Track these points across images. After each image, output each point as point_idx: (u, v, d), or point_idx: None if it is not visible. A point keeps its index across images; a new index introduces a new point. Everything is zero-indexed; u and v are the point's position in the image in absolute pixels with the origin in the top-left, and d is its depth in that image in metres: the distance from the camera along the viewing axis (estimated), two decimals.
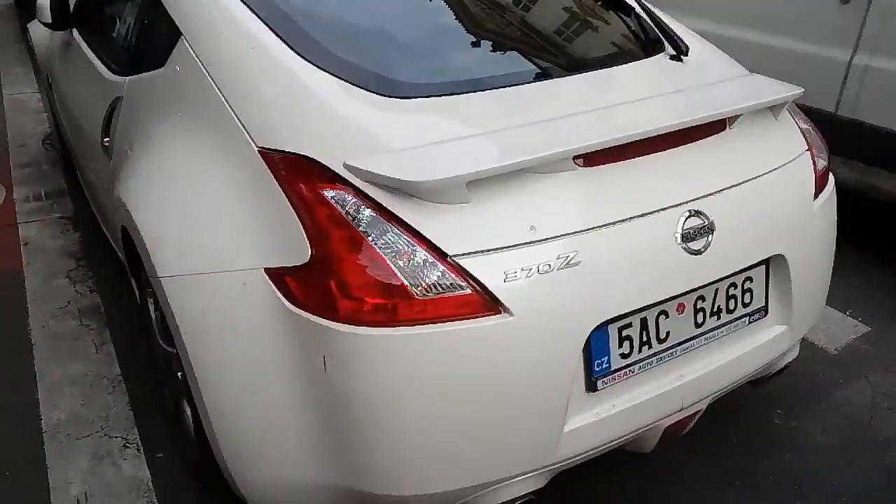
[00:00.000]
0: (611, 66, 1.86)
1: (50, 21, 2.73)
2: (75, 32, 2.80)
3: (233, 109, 1.61)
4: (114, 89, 2.20)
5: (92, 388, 2.41)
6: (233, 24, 1.76)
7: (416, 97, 1.63)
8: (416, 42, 1.88)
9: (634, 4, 2.19)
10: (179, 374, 1.82)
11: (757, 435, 2.23)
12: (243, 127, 1.58)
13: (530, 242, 1.40)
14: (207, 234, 1.55)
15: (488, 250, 1.38)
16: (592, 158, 1.47)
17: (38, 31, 3.55)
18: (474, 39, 1.95)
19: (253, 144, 1.54)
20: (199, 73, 1.73)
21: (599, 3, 2.25)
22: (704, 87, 1.81)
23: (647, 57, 1.94)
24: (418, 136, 1.51)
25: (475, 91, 1.67)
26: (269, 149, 1.51)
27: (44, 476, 2.07)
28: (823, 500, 2.00)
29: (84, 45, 2.63)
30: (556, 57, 1.99)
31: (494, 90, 1.68)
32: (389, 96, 1.61)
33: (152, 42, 2.07)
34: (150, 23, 2.11)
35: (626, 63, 1.90)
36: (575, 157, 1.46)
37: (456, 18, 2.01)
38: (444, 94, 1.65)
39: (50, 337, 2.67)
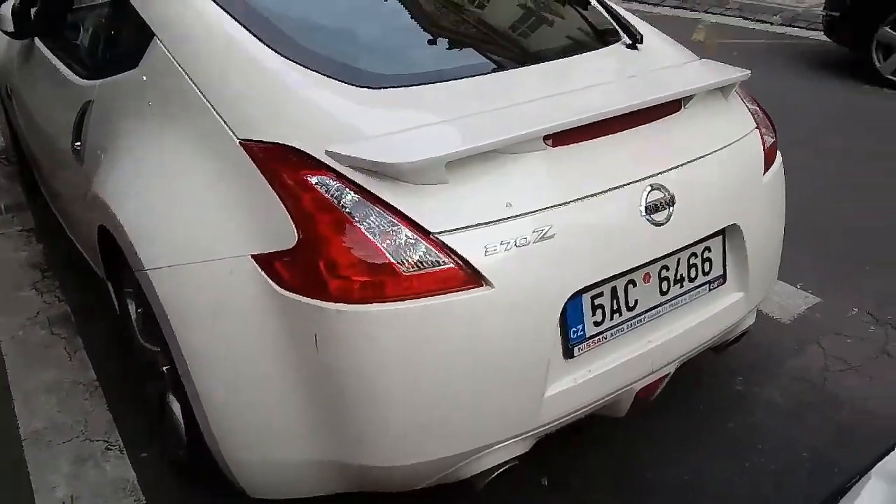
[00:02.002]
0: (572, 56, 1.97)
1: (12, 30, 2.71)
2: (37, 41, 2.79)
3: (211, 105, 1.66)
4: (83, 93, 2.21)
5: (68, 394, 2.41)
6: (206, 23, 1.81)
7: (387, 87, 1.70)
8: (384, 36, 1.96)
9: None
10: (165, 368, 1.85)
11: (720, 400, 2.36)
12: (223, 121, 1.62)
13: (507, 218, 1.48)
14: (192, 225, 1.59)
15: (468, 227, 1.46)
16: (560, 139, 1.57)
17: None
18: (440, 32, 2.03)
19: (233, 137, 1.59)
20: (174, 72, 1.77)
21: None
22: (659, 72, 1.93)
23: (604, 46, 2.05)
24: (393, 123, 1.58)
25: (443, 81, 1.75)
26: (249, 140, 1.56)
27: (27, 482, 2.07)
28: (785, 456, 2.12)
29: (48, 53, 2.63)
30: (518, 48, 2.09)
31: (461, 80, 1.76)
32: (361, 87, 1.67)
33: (123, 45, 2.10)
34: (120, 26, 2.14)
35: (586, 52, 2.01)
36: (544, 138, 1.55)
37: (421, 13, 2.09)
38: (414, 84, 1.73)
39: (21, 348, 2.65)
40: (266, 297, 1.48)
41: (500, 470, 1.64)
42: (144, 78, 1.91)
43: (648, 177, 1.65)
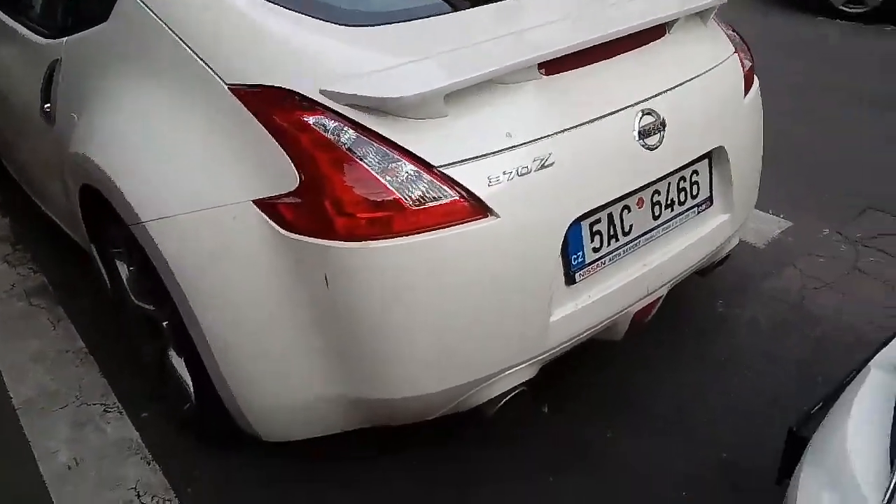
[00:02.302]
0: None
1: None
2: None
3: (193, 51, 1.61)
4: (49, 53, 2.13)
5: (56, 363, 2.37)
6: None
7: (373, 25, 1.67)
8: None
9: None
10: (165, 323, 1.84)
11: (704, 323, 2.45)
12: (208, 67, 1.58)
13: (508, 148, 1.49)
14: (188, 174, 1.57)
15: (470, 158, 1.47)
16: (553, 67, 1.57)
17: None
18: None
19: (221, 83, 1.55)
20: (150, 21, 1.71)
21: None
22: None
23: None
24: (384, 60, 1.56)
25: (427, 17, 1.73)
26: (239, 84, 1.53)
27: (27, 449, 2.05)
28: (769, 370, 2.22)
29: (5, 17, 2.51)
30: None
31: (448, 14, 1.75)
32: (348, 25, 1.65)
33: None
34: None
35: None
36: (538, 67, 1.55)
37: None
38: (399, 21, 1.70)
39: (1, 320, 2.59)
40: (271, 241, 1.48)
41: (510, 396, 1.68)
42: (116, 30, 1.85)
43: (640, 102, 1.68)
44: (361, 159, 1.43)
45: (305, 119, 1.46)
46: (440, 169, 1.45)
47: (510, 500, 1.85)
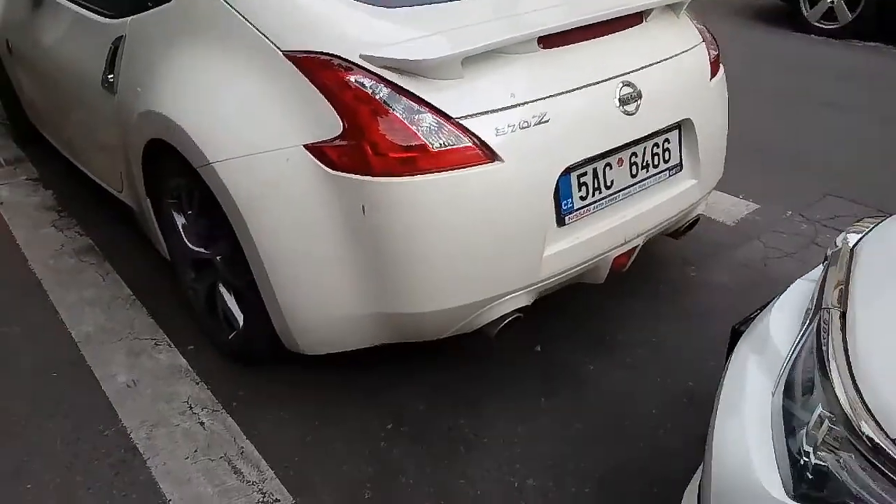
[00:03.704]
0: None
1: None
2: None
3: (254, 26, 1.96)
4: (113, 31, 2.47)
5: (109, 307, 2.69)
6: None
7: (399, 6, 2.03)
8: None
9: None
10: (219, 257, 2.17)
11: (678, 284, 2.79)
12: (265, 37, 1.93)
13: (512, 106, 1.84)
14: (249, 124, 1.91)
15: (481, 112, 1.81)
16: (550, 42, 1.93)
17: None
18: None
19: (277, 50, 1.90)
20: (214, 2, 2.06)
21: None
22: None
23: None
24: (409, 33, 1.91)
25: (444, 1, 2.09)
26: (293, 51, 1.88)
27: (89, 373, 2.36)
28: (730, 323, 2.54)
29: (64, 2, 2.86)
30: None
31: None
32: (381, 6, 2.00)
33: None
34: None
35: None
36: (538, 41, 1.91)
37: None
38: (424, 4, 2.06)
39: (54, 272, 2.91)
40: (318, 178, 1.81)
41: (509, 319, 2.02)
42: (182, 9, 2.19)
43: (620, 75, 2.03)
44: (394, 110, 1.77)
45: (348, 78, 1.81)
46: (457, 119, 1.79)
47: (509, 414, 2.17)
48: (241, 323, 2.21)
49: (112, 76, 2.46)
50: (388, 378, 2.30)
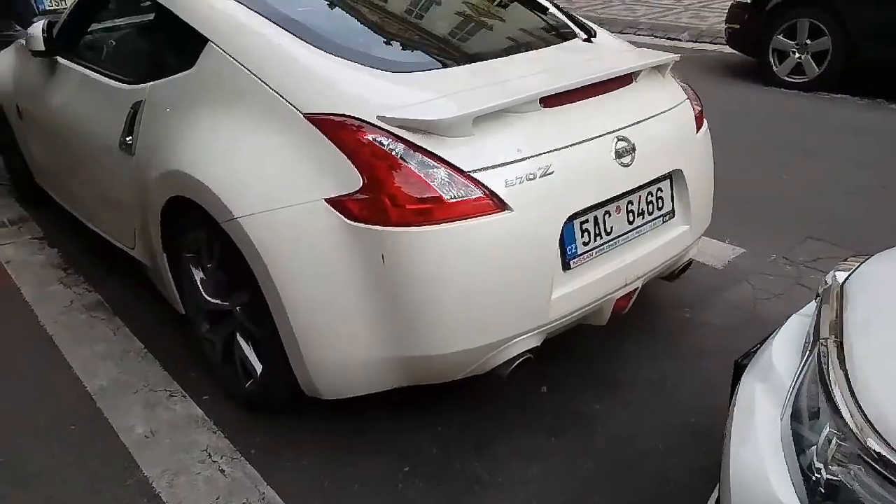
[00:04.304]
0: (547, 47, 2.52)
1: (42, 48, 3.07)
2: (61, 60, 3.15)
3: (275, 90, 2.10)
4: (132, 96, 2.60)
5: (122, 360, 2.75)
6: (256, 29, 2.26)
7: (411, 71, 2.19)
8: (403, 34, 2.45)
9: (551, 6, 2.89)
10: (238, 307, 2.26)
11: (673, 325, 2.91)
12: (286, 101, 2.07)
13: (519, 160, 1.98)
14: (272, 181, 2.02)
15: (491, 166, 1.95)
16: (550, 101, 2.08)
17: None
18: (445, 32, 2.55)
19: (297, 112, 2.03)
20: (235, 68, 2.21)
21: (530, 7, 2.93)
22: (615, 55, 2.49)
23: (569, 40, 2.61)
24: (422, 95, 2.07)
25: (454, 66, 2.26)
26: (313, 113, 2.02)
27: (106, 425, 2.41)
28: (726, 361, 2.63)
29: (79, 68, 3.00)
30: (507, 41, 2.64)
31: (468, 65, 2.27)
32: (391, 71, 2.16)
33: (172, 51, 2.51)
34: (166, 38, 2.56)
35: (557, 44, 2.56)
36: (540, 101, 2.06)
37: (429, 18, 2.61)
38: (432, 69, 2.23)
39: (65, 328, 2.96)
40: (339, 229, 1.93)
41: (520, 360, 2.12)
42: (203, 74, 2.33)
43: (615, 130, 2.19)
44: (410, 165, 1.90)
45: (366, 137, 1.94)
46: (469, 173, 1.92)
47: (521, 454, 2.25)
48: (259, 371, 2.28)
49: (130, 138, 2.58)
50: (399, 423, 2.37)
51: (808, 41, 6.00)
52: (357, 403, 2.22)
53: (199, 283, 2.44)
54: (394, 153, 1.92)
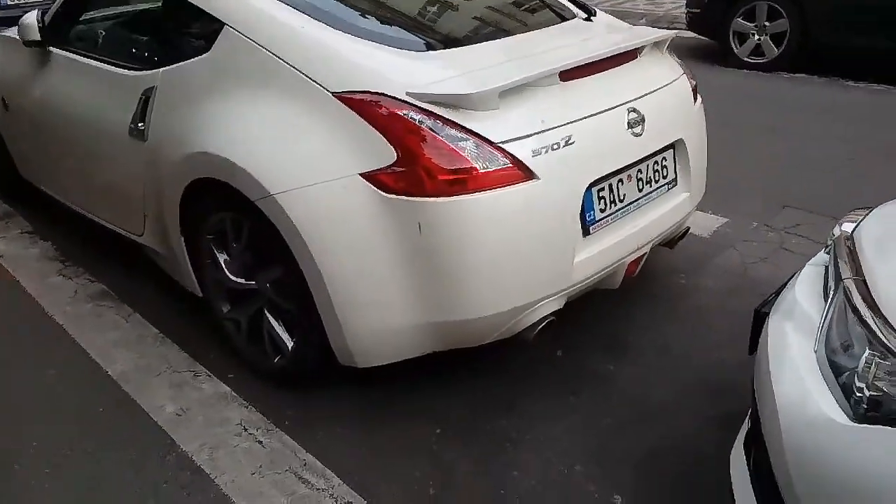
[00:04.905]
0: (554, 25, 2.65)
1: (37, 38, 3.05)
2: (55, 49, 3.13)
3: (301, 72, 2.16)
4: (143, 82, 2.61)
5: (139, 345, 2.76)
6: (278, 14, 2.31)
7: (432, 50, 2.28)
8: (425, 15, 2.55)
9: None
10: (268, 283, 2.31)
11: (672, 291, 3.07)
12: (314, 81, 2.13)
13: (543, 131, 2.09)
14: (306, 158, 2.08)
15: (519, 137, 2.05)
16: (568, 75, 2.20)
17: None
18: (459, 12, 2.66)
19: (327, 92, 2.10)
20: (258, 52, 2.25)
21: None
22: (616, 32, 2.61)
23: (570, 20, 2.74)
24: (447, 73, 2.15)
25: (476, 43, 2.36)
26: (343, 91, 2.08)
27: (136, 406, 2.43)
28: (725, 320, 2.83)
29: (77, 57, 2.98)
30: (518, 21, 2.76)
31: (489, 42, 2.38)
32: (415, 50, 2.24)
33: (186, 37, 2.54)
34: (177, 23, 2.59)
35: (562, 22, 2.69)
36: (559, 75, 2.17)
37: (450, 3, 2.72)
38: (456, 47, 2.33)
39: (74, 318, 2.95)
40: (374, 202, 2.00)
41: (544, 323, 2.23)
42: (220, 59, 2.37)
43: (626, 102, 2.31)
44: (443, 138, 1.99)
45: (399, 112, 2.02)
46: (499, 144, 2.02)
47: (544, 410, 2.37)
48: (291, 347, 2.34)
49: (142, 124, 2.60)
50: (424, 392, 2.46)
51: (767, 23, 6.26)
52: (383, 375, 2.30)
53: (223, 264, 2.48)
54: (426, 127, 2.00)
